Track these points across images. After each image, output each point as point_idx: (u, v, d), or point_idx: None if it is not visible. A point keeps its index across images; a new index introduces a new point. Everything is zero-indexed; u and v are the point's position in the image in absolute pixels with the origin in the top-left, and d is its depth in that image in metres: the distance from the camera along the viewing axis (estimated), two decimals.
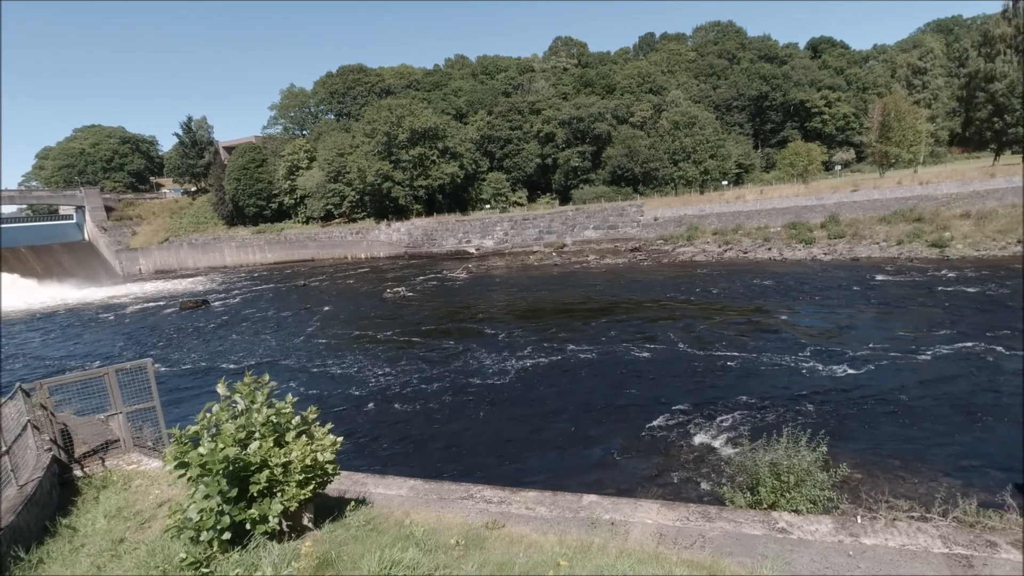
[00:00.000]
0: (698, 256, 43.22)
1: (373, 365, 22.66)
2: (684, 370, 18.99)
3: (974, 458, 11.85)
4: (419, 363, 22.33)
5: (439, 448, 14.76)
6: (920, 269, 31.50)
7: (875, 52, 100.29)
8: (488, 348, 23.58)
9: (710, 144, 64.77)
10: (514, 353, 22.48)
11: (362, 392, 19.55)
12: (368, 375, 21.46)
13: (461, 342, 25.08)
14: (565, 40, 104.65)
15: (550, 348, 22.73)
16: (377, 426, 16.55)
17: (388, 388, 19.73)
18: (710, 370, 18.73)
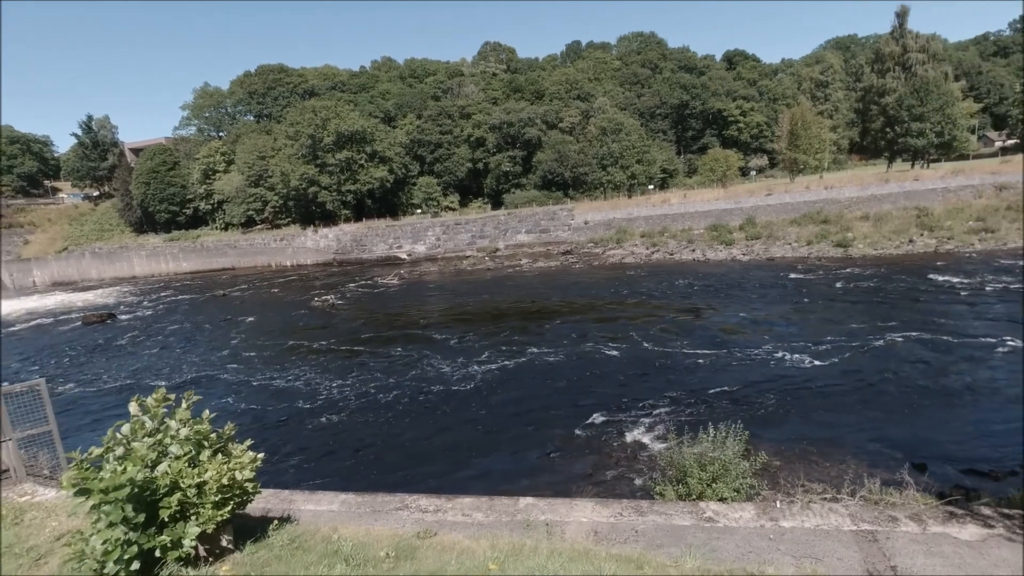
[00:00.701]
0: (627, 258, 44.37)
1: (306, 377, 21.59)
2: (617, 369, 19.29)
3: (877, 441, 12.71)
4: (354, 373, 21.48)
5: (376, 459, 14.22)
6: (827, 267, 33.75)
7: (783, 66, 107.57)
8: (425, 355, 23.06)
9: (636, 150, 67.03)
10: (451, 359, 22.10)
11: (296, 405, 18.55)
12: (302, 387, 20.42)
13: (397, 350, 24.40)
14: (494, 45, 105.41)
15: (487, 353, 22.52)
16: (312, 440, 15.73)
17: (322, 400, 18.82)
18: (641, 368, 19.13)
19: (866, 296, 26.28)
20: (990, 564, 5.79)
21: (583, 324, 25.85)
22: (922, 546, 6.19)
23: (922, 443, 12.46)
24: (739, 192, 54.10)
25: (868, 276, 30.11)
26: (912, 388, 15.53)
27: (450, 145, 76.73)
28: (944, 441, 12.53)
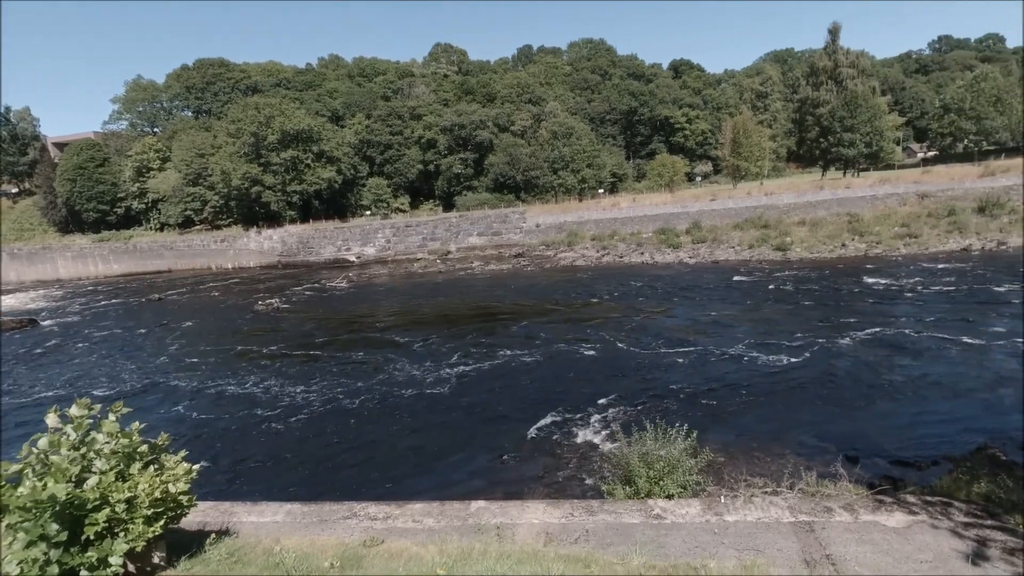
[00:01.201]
0: (578, 261, 44.93)
1: (252, 383, 20.74)
2: (569, 371, 19.45)
3: (815, 436, 13.28)
4: (303, 379, 20.80)
5: (327, 467, 13.80)
6: (768, 270, 35.18)
7: (726, 76, 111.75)
8: (376, 360, 22.60)
9: (587, 154, 68.07)
10: (404, 364, 21.74)
11: (242, 413, 17.77)
12: (248, 394, 19.60)
13: (347, 355, 23.80)
14: (445, 47, 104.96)
15: (440, 357, 22.28)
16: (259, 449, 15.12)
17: (270, 407, 18.11)
18: (592, 369, 19.36)
19: (804, 297, 27.52)
20: (915, 549, 6.12)
21: (535, 326, 25.95)
22: (854, 534, 6.48)
23: (855, 437, 13.10)
24: (685, 197, 55.77)
25: (805, 278, 31.56)
26: (846, 385, 16.35)
27: (400, 146, 75.80)
28: (874, 434, 13.21)
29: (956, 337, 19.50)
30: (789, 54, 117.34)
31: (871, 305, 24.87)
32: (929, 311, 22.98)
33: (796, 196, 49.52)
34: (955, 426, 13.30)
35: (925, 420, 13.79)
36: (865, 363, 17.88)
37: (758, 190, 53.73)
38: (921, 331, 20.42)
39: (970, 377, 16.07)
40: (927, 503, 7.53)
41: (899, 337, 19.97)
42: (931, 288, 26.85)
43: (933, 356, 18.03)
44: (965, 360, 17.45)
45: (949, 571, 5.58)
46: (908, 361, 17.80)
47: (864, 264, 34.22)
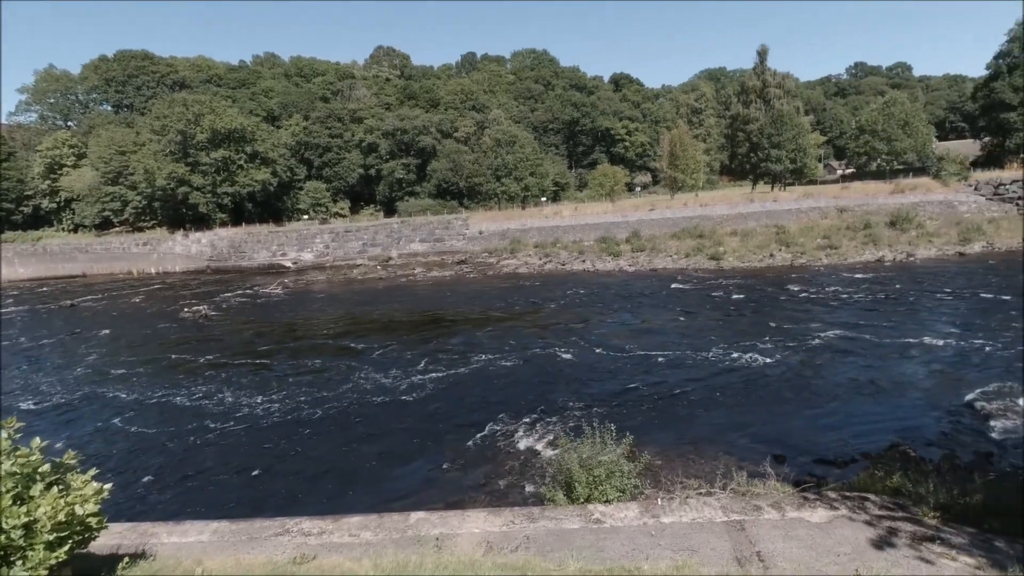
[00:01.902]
0: (521, 268, 45.18)
1: (177, 395, 19.52)
2: (511, 378, 19.45)
3: (746, 437, 13.84)
4: (233, 390, 19.76)
5: (260, 481, 13.16)
6: (703, 278, 36.56)
7: (664, 91, 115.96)
8: (312, 369, 21.82)
9: (530, 162, 68.73)
10: (341, 373, 21.10)
11: (167, 428, 16.68)
12: (173, 407, 18.44)
13: (280, 364, 22.85)
14: (387, 50, 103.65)
15: (380, 366, 21.77)
16: (187, 464, 14.23)
17: (198, 420, 17.08)
18: (534, 376, 19.44)
19: (736, 305, 28.76)
20: (835, 543, 6.45)
21: (478, 334, 25.84)
22: (781, 531, 6.77)
23: (783, 437, 13.73)
24: (626, 207, 57.20)
25: (737, 286, 32.99)
26: (774, 387, 17.15)
27: (340, 149, 74.00)
28: (800, 434, 13.91)
29: (871, 342, 20.90)
30: (721, 73, 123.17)
31: (796, 312, 26.26)
32: (848, 318, 24.50)
33: (729, 208, 51.84)
34: (871, 425, 14.18)
35: (845, 420, 14.64)
36: (791, 367, 18.82)
37: (694, 201, 55.86)
38: (841, 337, 21.73)
39: (884, 379, 17.22)
40: (846, 498, 7.95)
41: (821, 342, 21.17)
42: (850, 296, 28.66)
43: (852, 360, 19.20)
44: (879, 364, 18.69)
45: (865, 562, 5.87)
46: (830, 365, 18.89)
47: (790, 273, 36.15)
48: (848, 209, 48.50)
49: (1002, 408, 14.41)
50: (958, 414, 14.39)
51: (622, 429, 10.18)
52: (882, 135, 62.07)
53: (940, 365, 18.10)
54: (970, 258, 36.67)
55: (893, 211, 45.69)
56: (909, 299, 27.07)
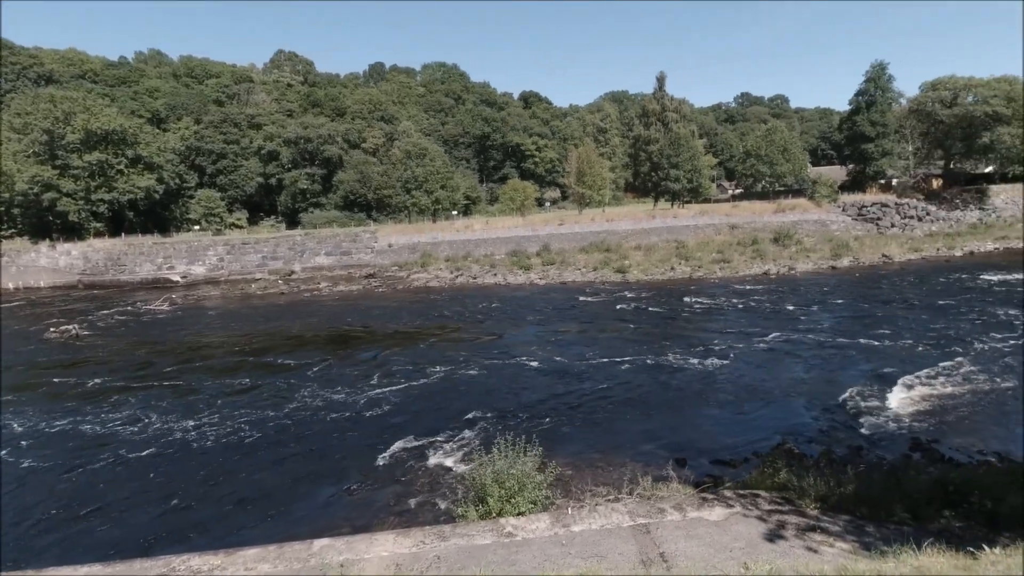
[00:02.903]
0: (432, 282, 44.64)
1: (44, 423, 17.18)
2: (420, 393, 19.01)
3: (650, 443, 14.37)
4: (109, 416, 17.73)
5: (147, 517, 11.84)
6: (610, 290, 37.92)
7: (571, 110, 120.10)
8: (203, 392, 20.10)
9: (440, 175, 68.36)
10: (236, 395, 19.63)
11: (28, 463, 14.55)
12: (38, 436, 16.16)
13: (164, 387, 20.85)
14: (289, 55, 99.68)
15: (277, 387, 20.49)
16: (68, 500, 12.60)
17: (66, 450, 15.09)
18: (444, 391, 19.13)
19: (641, 316, 30.04)
20: (731, 539, 6.82)
21: (387, 349, 25.11)
22: (683, 531, 7.07)
23: (684, 441, 14.38)
24: (536, 221, 58.35)
25: (642, 298, 34.50)
26: (676, 393, 18.02)
27: (237, 156, 69.84)
28: (700, 437, 14.64)
29: (761, 349, 22.55)
30: (624, 95, 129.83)
31: (695, 322, 27.88)
32: (740, 327, 26.34)
33: (633, 223, 54.37)
34: (762, 426, 15.23)
35: (739, 422, 15.61)
36: (691, 374, 19.87)
37: (601, 217, 58.03)
38: (734, 344, 23.28)
39: (772, 383, 18.59)
40: (740, 496, 8.42)
41: (717, 350, 22.56)
42: (741, 307, 30.83)
43: (744, 365, 20.60)
44: (768, 368, 20.19)
45: (756, 554, 6.22)
46: (724, 370, 20.12)
47: (689, 285, 38.36)
48: (738, 226, 52.48)
49: (870, 406, 16.00)
50: (834, 412, 15.80)
51: (534, 441, 10.19)
52: (765, 159, 67.94)
53: (819, 368, 19.86)
54: (841, 271, 40.77)
55: (776, 229, 50.06)
56: (791, 309, 29.58)
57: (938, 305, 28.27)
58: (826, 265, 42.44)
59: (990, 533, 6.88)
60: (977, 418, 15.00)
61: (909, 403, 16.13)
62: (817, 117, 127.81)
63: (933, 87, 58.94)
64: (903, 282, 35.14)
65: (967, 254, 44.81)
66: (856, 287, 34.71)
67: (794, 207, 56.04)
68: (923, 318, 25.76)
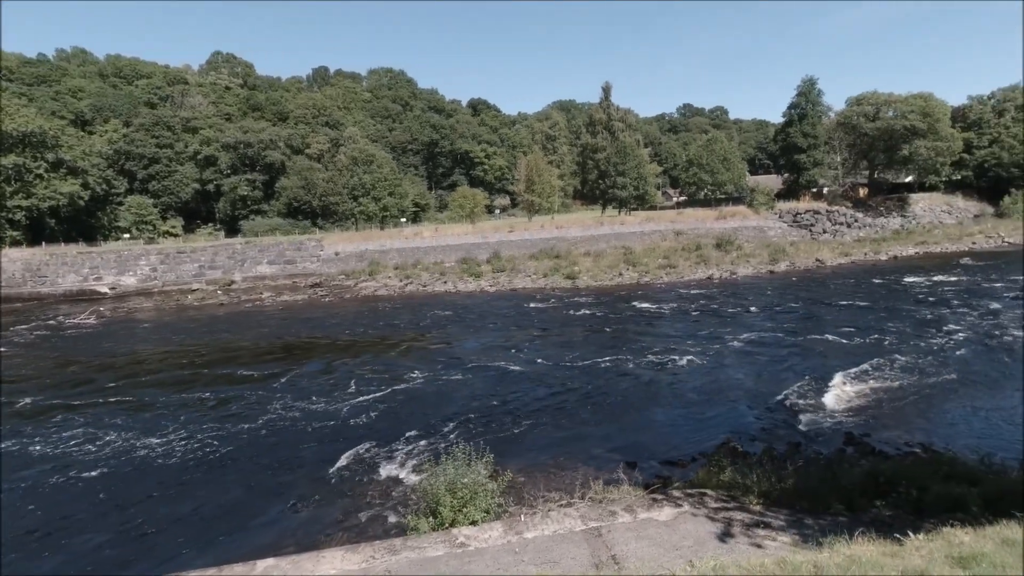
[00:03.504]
0: (381, 290, 43.87)
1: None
2: (371, 404, 18.56)
3: (601, 447, 14.51)
4: (27, 441, 16.36)
5: (76, 548, 10.93)
6: (560, 296, 38.28)
7: (520, 118, 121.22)
8: (131, 411, 18.92)
9: (388, 182, 67.49)
10: (170, 412, 18.58)
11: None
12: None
13: (88, 407, 19.49)
14: (227, 56, 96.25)
15: (216, 402, 19.56)
16: None
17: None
18: (395, 401, 18.76)
19: (590, 321, 30.43)
20: (680, 538, 6.96)
21: (333, 360, 24.43)
22: (634, 532, 7.16)
23: (634, 443, 14.58)
24: (486, 229, 58.36)
25: (591, 304, 34.98)
26: (626, 396, 18.29)
27: (171, 161, 66.66)
28: (649, 439, 14.89)
29: (706, 350, 23.21)
30: (572, 104, 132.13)
31: (644, 326, 28.46)
32: (686, 330, 27.10)
33: (582, 230, 55.20)
34: (708, 426, 15.65)
35: (687, 422, 15.99)
36: (640, 376, 20.24)
37: (550, 224, 58.65)
38: (680, 346, 23.91)
39: (717, 383, 19.16)
40: (689, 495, 8.60)
41: (665, 352, 23.09)
42: (686, 310, 31.76)
43: (691, 367, 21.15)
44: (713, 369, 20.80)
45: (705, 551, 6.36)
46: (672, 372, 20.61)
47: (637, 290, 39.21)
48: (683, 232, 54.14)
49: (807, 403, 16.71)
50: (774, 411, 16.41)
51: (487, 448, 10.10)
52: (707, 168, 70.56)
53: (761, 368, 20.64)
54: (779, 275, 42.65)
55: (719, 235, 51.97)
56: (734, 312, 30.68)
57: (867, 306, 29.96)
58: (765, 269, 44.30)
59: (916, 520, 7.28)
60: (904, 412, 15.92)
61: (843, 399, 16.95)
62: (754, 128, 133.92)
63: (858, 102, 62.83)
64: (835, 285, 37.09)
65: (892, 258, 47.75)
66: (793, 290, 36.37)
67: (734, 214, 58.34)
68: (854, 318, 27.21)
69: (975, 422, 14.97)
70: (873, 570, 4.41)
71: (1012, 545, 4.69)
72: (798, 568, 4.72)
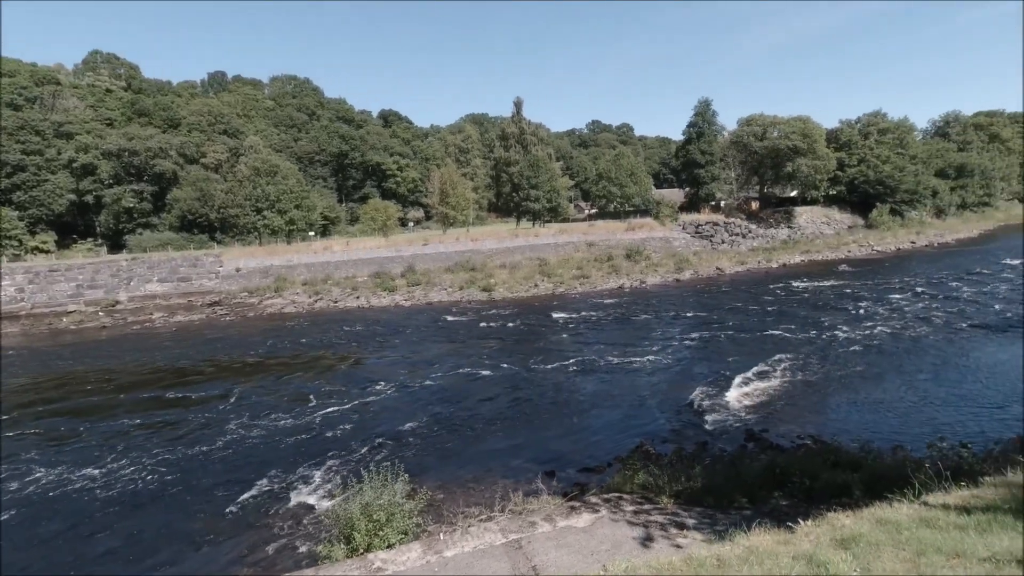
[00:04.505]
0: (288, 308, 41.69)
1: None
2: (276, 429, 17.48)
3: (520, 458, 14.54)
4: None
5: None
6: (476, 309, 38.18)
7: (433, 131, 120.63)
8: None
9: (295, 194, 64.47)
10: (44, 453, 16.51)
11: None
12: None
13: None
14: (107, 56, 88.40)
15: (98, 438, 17.62)
16: None
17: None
18: (305, 423, 17.80)
19: (506, 332, 30.52)
20: (598, 543, 7.04)
21: (235, 384, 22.82)
22: (553, 541, 7.17)
23: (552, 452, 14.70)
24: (400, 242, 57.27)
25: (507, 315, 35.15)
26: (543, 406, 18.45)
27: (40, 169, 60.05)
28: (567, 447, 15.08)
29: (619, 357, 23.96)
30: (484, 118, 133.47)
31: (559, 336, 28.97)
32: (600, 338, 27.88)
33: (497, 243, 55.55)
34: (623, 431, 16.11)
35: (602, 428, 16.37)
36: (556, 386, 20.52)
37: (465, 237, 58.55)
38: (595, 354, 24.54)
39: (630, 388, 19.80)
40: (606, 500, 8.70)
41: (580, 361, 23.59)
42: (600, 319, 32.70)
43: (605, 374, 21.75)
44: (626, 375, 21.51)
45: (622, 553, 6.46)
46: (587, 380, 21.07)
47: (552, 301, 39.90)
48: (595, 244, 55.94)
49: (712, 404, 17.64)
50: (683, 412, 17.19)
51: (403, 467, 9.76)
52: (615, 182, 73.52)
53: (670, 372, 21.64)
54: (684, 283, 45.06)
55: (628, 246, 54.16)
56: (644, 319, 32.01)
57: (762, 310, 32.30)
58: (671, 278, 46.66)
59: (808, 507, 7.81)
60: (796, 406, 17.22)
61: (743, 398, 18.05)
62: (657, 145, 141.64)
63: (748, 123, 68.23)
64: (734, 291, 39.72)
65: (781, 266, 51.91)
66: (697, 297, 38.53)
67: (642, 226, 61.14)
68: (751, 322, 29.21)
69: (855, 413, 16.45)
70: (769, 559, 4.66)
71: (885, 524, 5.12)
72: (703, 563, 4.90)
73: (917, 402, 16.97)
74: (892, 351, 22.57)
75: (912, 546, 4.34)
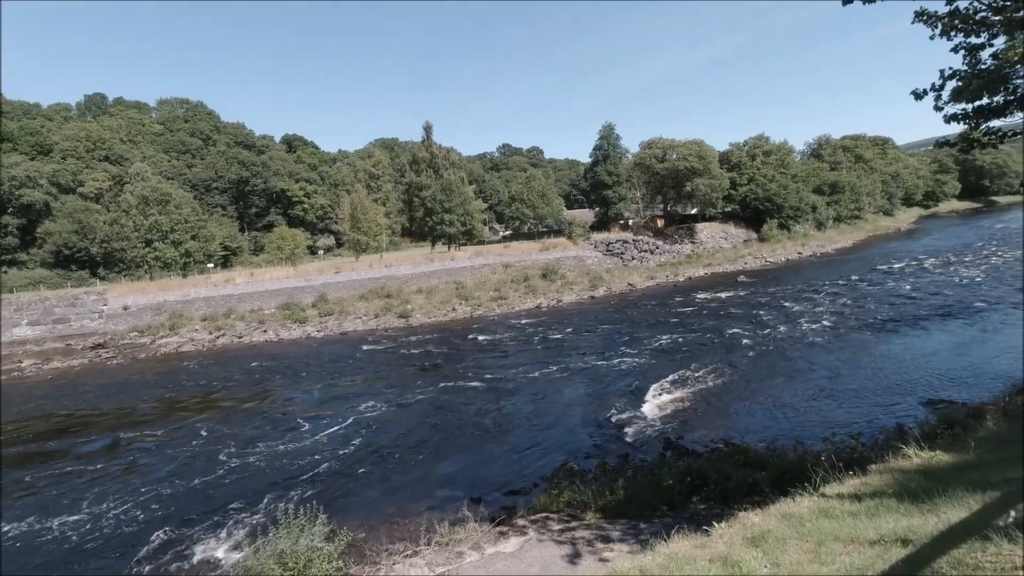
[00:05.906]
0: (185, 347, 38.55)
1: None
2: (176, 478, 15.96)
3: (444, 487, 14.18)
4: None
5: None
6: (394, 336, 37.19)
7: (341, 156, 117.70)
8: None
9: (190, 224, 60.15)
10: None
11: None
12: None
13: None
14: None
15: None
16: None
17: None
18: (208, 472, 16.37)
19: (425, 358, 29.90)
20: (527, 566, 6.88)
21: (123, 433, 20.68)
22: (482, 569, 7.00)
23: (477, 478, 14.42)
24: (309, 270, 54.93)
25: (426, 341, 34.49)
26: (464, 432, 18.15)
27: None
28: (492, 471, 14.85)
29: (539, 376, 24.10)
30: (394, 142, 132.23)
31: (479, 358, 28.75)
32: (519, 359, 28.00)
33: (413, 267, 54.67)
34: (547, 450, 16.14)
35: (525, 449, 16.30)
36: (477, 409, 20.29)
37: (379, 262, 57.17)
38: (514, 376, 24.59)
39: (551, 407, 19.92)
40: (533, 522, 8.58)
41: (501, 383, 23.51)
42: (518, 339, 32.91)
43: (525, 394, 21.79)
44: (547, 394, 21.65)
45: (551, 572, 6.30)
46: (508, 401, 21.01)
47: (471, 324, 39.67)
48: (511, 265, 56.51)
49: (631, 416, 18.11)
50: (604, 427, 17.49)
51: (321, 508, 9.12)
52: (528, 203, 75.02)
53: (589, 388, 22.03)
54: (599, 300, 46.39)
55: (544, 265, 55.17)
56: (562, 337, 32.56)
57: (672, 322, 33.84)
58: (587, 296, 47.92)
59: (724, 508, 8.09)
60: (708, 412, 18.05)
61: (660, 408, 18.70)
62: (567, 167, 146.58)
63: (648, 145, 72.23)
64: (646, 305, 41.41)
65: (687, 279, 54.87)
66: (612, 313, 39.77)
67: (556, 245, 62.60)
68: (662, 334, 30.49)
69: (761, 414, 17.48)
70: (687, 564, 4.78)
71: (789, 518, 5.39)
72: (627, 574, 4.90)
73: (815, 399, 18.33)
74: (790, 354, 24.35)
75: (814, 537, 4.57)
